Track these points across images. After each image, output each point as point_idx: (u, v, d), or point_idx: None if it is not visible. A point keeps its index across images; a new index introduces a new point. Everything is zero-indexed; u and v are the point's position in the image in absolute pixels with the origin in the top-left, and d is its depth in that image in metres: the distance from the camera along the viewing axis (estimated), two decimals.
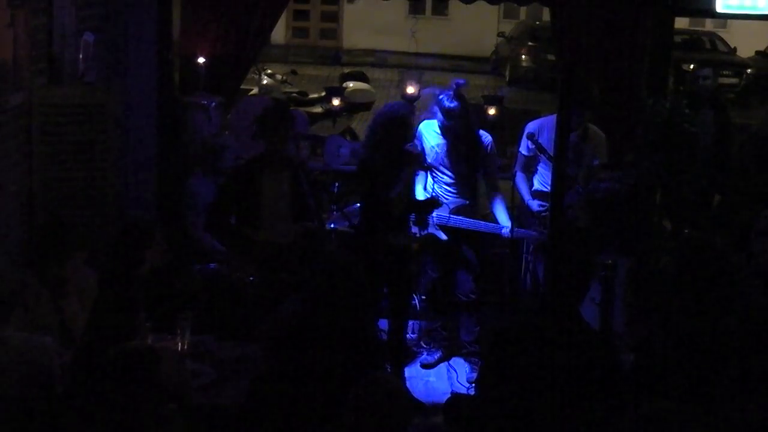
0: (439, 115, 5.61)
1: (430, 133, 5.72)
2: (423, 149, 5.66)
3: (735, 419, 2.87)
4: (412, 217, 5.54)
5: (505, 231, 5.70)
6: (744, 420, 2.87)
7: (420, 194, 5.64)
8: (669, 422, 2.54)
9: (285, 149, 5.29)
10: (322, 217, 5.45)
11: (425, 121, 5.80)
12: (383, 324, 5.69)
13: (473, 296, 5.87)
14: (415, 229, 5.58)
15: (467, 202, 5.72)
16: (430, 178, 5.77)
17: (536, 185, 6.10)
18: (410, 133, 5.39)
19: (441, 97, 5.63)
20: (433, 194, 5.69)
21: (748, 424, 2.88)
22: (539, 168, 6.08)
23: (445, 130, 5.64)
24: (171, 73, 6.67)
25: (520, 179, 6.02)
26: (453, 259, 5.80)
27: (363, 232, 5.44)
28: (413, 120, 5.50)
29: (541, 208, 5.85)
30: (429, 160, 5.72)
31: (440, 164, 5.70)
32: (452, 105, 5.54)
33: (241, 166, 5.47)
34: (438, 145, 5.70)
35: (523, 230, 5.74)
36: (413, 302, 5.94)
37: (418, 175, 5.59)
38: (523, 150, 6.08)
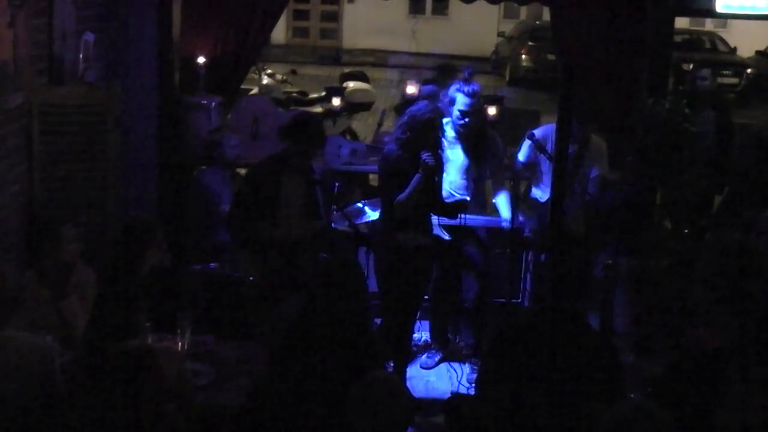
0: (461, 98, 5.59)
1: None
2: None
3: (735, 419, 2.87)
4: (439, 219, 5.56)
5: (506, 224, 5.71)
6: (744, 420, 2.87)
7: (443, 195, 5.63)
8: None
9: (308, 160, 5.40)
10: (329, 217, 5.51)
11: None
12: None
13: (476, 302, 5.89)
14: (439, 231, 5.61)
15: (468, 198, 5.74)
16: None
17: (534, 192, 6.07)
18: (433, 136, 5.24)
19: (458, 85, 5.62)
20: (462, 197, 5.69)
21: (748, 424, 2.87)
22: (540, 175, 6.03)
23: (462, 123, 5.63)
24: (171, 73, 6.66)
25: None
26: (457, 259, 5.81)
27: (379, 229, 5.45)
28: (440, 123, 5.33)
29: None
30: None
31: (446, 161, 5.71)
32: (474, 86, 5.60)
33: (262, 164, 5.49)
34: (447, 142, 5.72)
35: (522, 218, 5.74)
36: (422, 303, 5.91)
37: (437, 181, 5.53)
38: (521, 157, 5.98)
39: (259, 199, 5.25)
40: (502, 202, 5.89)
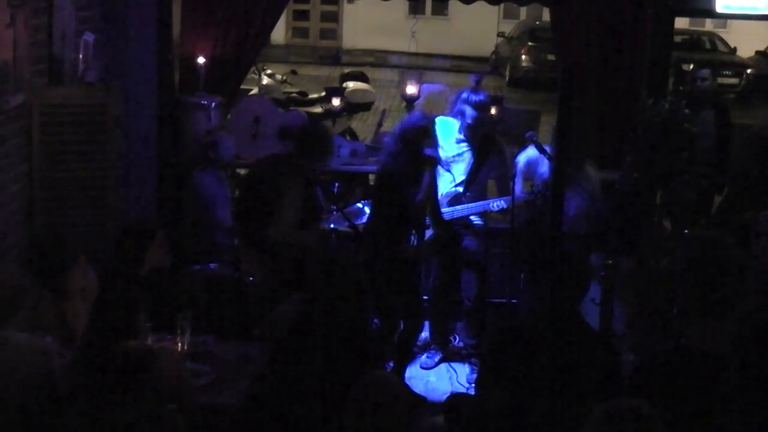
0: (469, 111, 5.63)
1: (444, 131, 5.72)
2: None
3: (734, 420, 2.87)
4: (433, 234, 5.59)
5: (497, 204, 5.71)
6: (743, 421, 2.87)
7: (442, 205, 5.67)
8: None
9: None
10: (328, 217, 5.55)
11: (439, 118, 5.81)
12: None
13: (476, 302, 5.89)
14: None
15: (461, 190, 5.75)
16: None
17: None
18: (430, 139, 5.32)
19: (465, 95, 5.65)
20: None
21: (747, 425, 2.87)
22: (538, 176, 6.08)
23: (471, 129, 5.67)
24: (171, 73, 6.67)
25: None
26: (456, 259, 5.81)
27: (372, 237, 5.42)
28: (433, 129, 5.43)
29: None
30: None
31: (450, 162, 5.73)
32: (480, 96, 5.65)
33: (262, 163, 5.49)
34: (451, 143, 5.73)
35: (516, 195, 5.68)
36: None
37: (438, 178, 5.56)
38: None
39: (258, 198, 5.23)
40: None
